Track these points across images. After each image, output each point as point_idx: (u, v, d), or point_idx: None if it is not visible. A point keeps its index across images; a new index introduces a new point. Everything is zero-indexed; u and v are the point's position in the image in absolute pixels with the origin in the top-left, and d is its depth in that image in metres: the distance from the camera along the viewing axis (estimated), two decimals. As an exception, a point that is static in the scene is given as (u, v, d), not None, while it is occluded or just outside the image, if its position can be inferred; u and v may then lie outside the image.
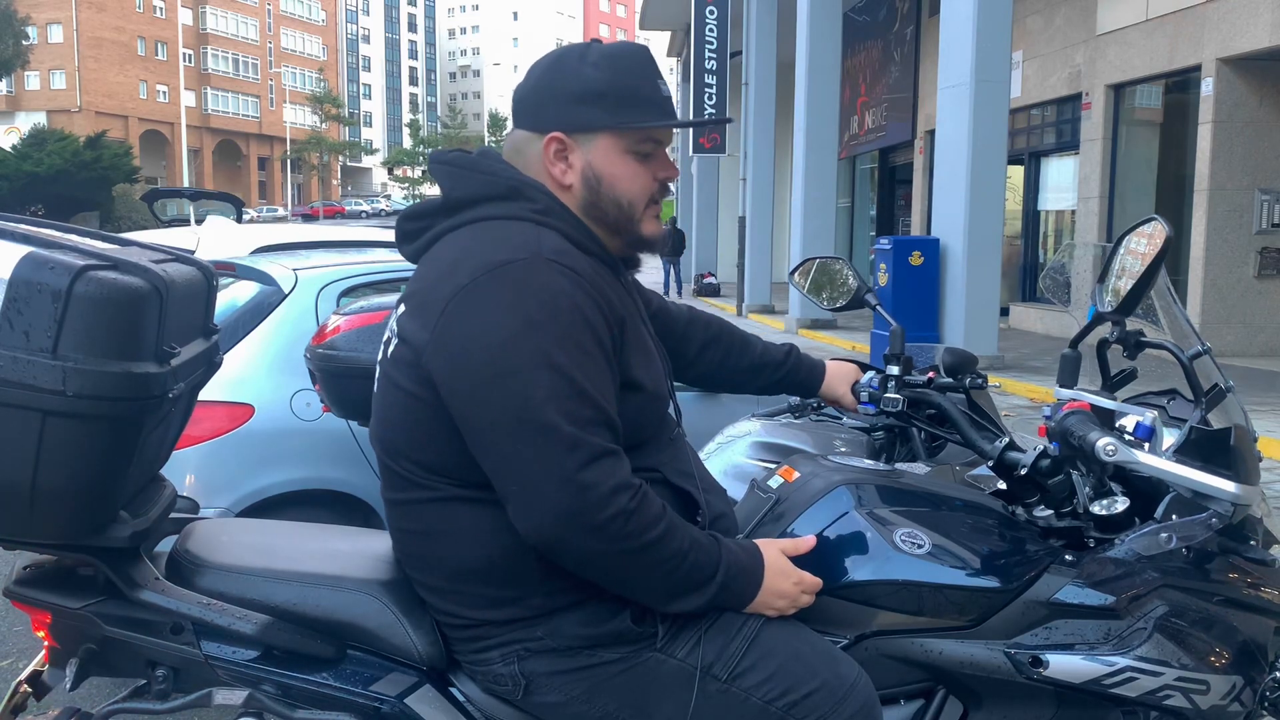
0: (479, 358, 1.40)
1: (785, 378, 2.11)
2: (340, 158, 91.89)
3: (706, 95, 21.68)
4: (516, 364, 1.39)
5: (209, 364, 1.76)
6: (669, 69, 36.07)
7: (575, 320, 1.42)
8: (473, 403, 1.42)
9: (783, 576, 1.58)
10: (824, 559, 1.70)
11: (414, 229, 1.61)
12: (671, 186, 1.66)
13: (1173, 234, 1.77)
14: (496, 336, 1.40)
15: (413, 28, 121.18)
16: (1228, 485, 1.79)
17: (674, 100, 1.65)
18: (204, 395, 1.88)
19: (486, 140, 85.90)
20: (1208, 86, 10.99)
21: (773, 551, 1.60)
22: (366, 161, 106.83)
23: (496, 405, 1.39)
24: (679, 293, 25.14)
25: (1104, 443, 1.70)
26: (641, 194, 1.58)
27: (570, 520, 1.39)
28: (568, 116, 1.54)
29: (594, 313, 1.45)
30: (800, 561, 1.71)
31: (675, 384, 1.79)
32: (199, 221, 8.01)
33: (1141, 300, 1.82)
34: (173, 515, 1.73)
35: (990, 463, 1.91)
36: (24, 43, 42.53)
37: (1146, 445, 1.83)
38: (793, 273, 2.58)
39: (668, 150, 1.65)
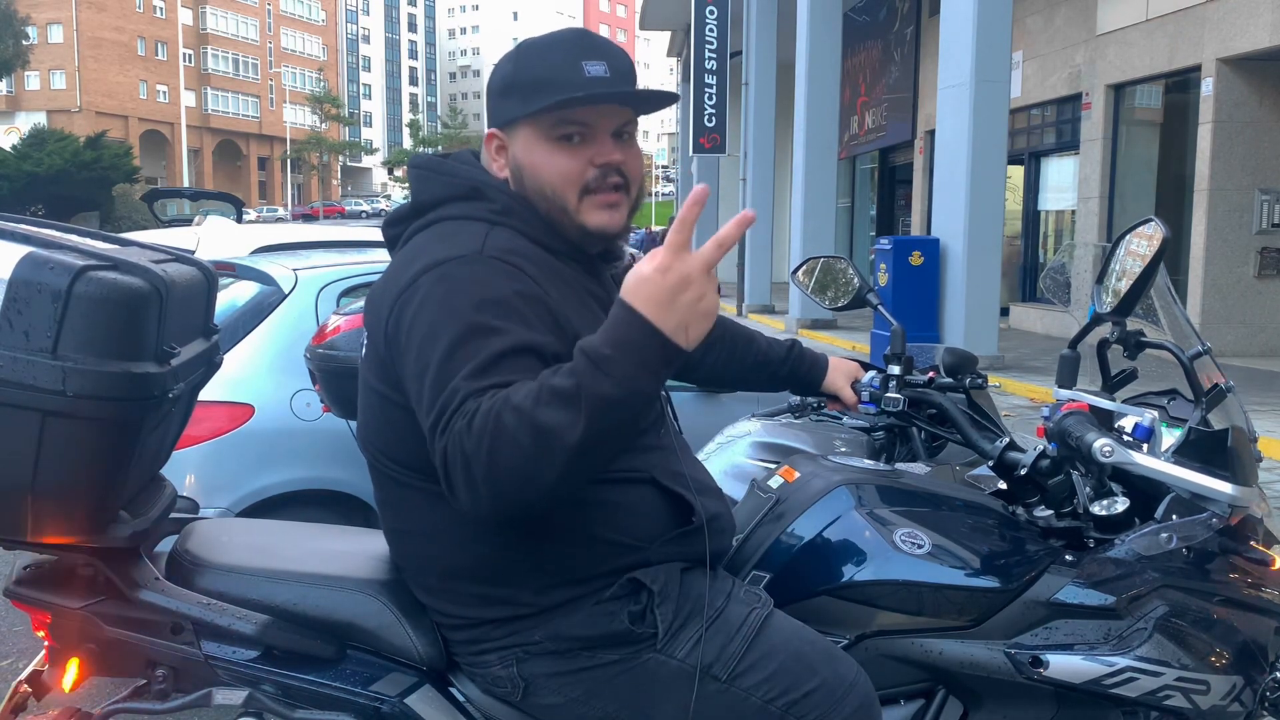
0: (413, 352, 1.39)
1: (789, 374, 2.12)
2: (340, 158, 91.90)
3: (706, 95, 21.66)
4: (437, 353, 1.35)
5: (209, 364, 1.76)
6: (669, 69, 35.94)
7: (502, 304, 1.37)
8: (413, 396, 1.40)
9: (662, 277, 1.24)
10: (824, 559, 1.71)
11: (393, 234, 1.62)
12: (625, 173, 1.54)
13: (1169, 235, 1.77)
14: (424, 330, 1.38)
15: (413, 28, 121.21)
16: (1224, 487, 1.79)
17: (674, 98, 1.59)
18: (204, 395, 1.88)
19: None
20: (1208, 86, 10.99)
21: (642, 284, 1.24)
22: (366, 161, 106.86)
23: (426, 398, 1.35)
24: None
25: (1101, 444, 1.71)
26: (564, 181, 1.51)
27: (472, 474, 1.24)
28: (495, 112, 1.57)
29: (528, 303, 1.40)
30: (801, 560, 1.71)
31: (681, 383, 1.77)
32: (194, 221, 8.01)
33: (1139, 301, 1.83)
34: (173, 515, 1.73)
35: (991, 463, 1.91)
36: (24, 43, 42.54)
37: (1145, 446, 1.83)
38: (795, 272, 2.58)
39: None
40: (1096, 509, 1.83)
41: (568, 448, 1.21)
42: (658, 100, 1.52)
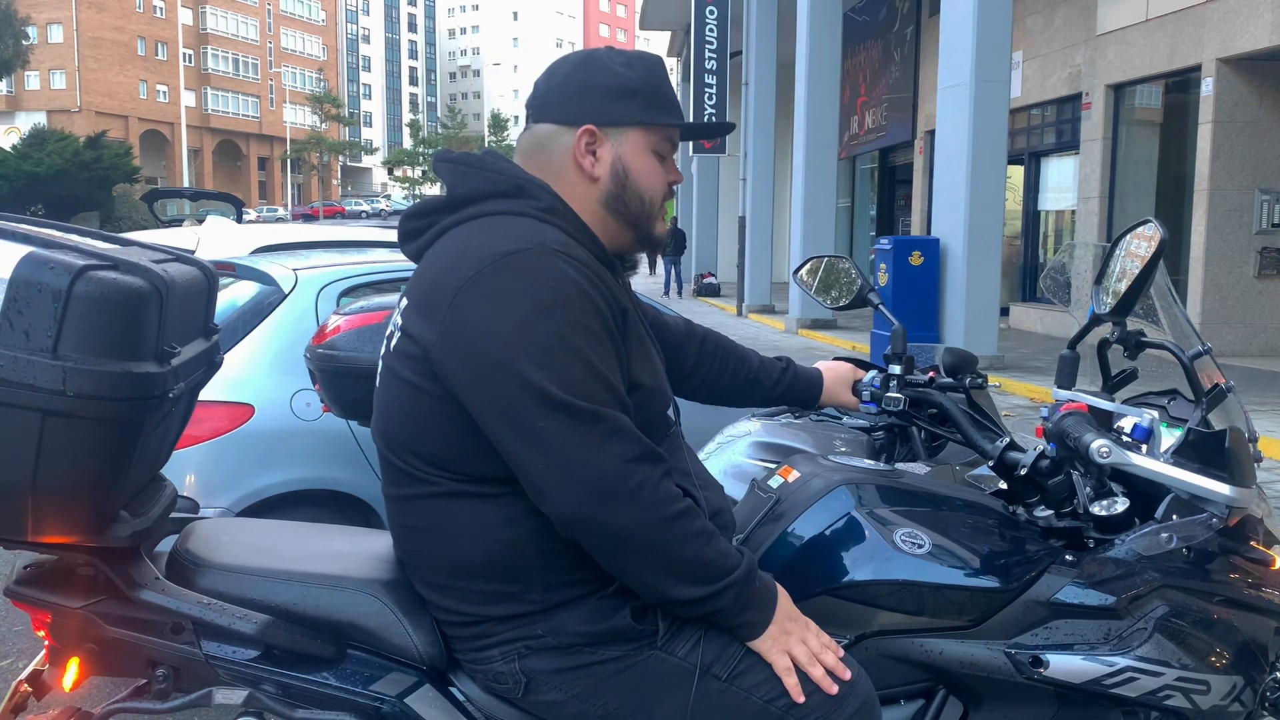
0: (491, 345, 1.41)
1: (784, 393, 2.12)
2: (340, 158, 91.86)
3: (706, 95, 21.68)
4: (530, 348, 1.40)
5: (209, 364, 1.76)
6: (669, 69, 36.12)
7: (583, 305, 1.44)
8: (490, 390, 1.41)
9: (798, 622, 1.55)
10: (824, 559, 1.70)
11: (416, 227, 1.61)
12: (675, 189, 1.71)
13: (1167, 236, 1.77)
14: (508, 323, 1.40)
15: (413, 28, 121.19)
16: (1221, 488, 1.79)
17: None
18: (204, 395, 1.88)
19: (486, 140, 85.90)
20: (1208, 86, 10.99)
21: (786, 598, 1.57)
22: (366, 161, 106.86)
23: (514, 389, 1.40)
24: (679, 292, 25.15)
25: (1098, 444, 1.71)
26: (660, 191, 1.64)
27: (601, 489, 1.40)
28: (602, 110, 1.58)
29: (599, 299, 1.46)
30: (802, 560, 1.71)
31: None
32: (184, 223, 8.00)
33: (1137, 302, 1.83)
34: (173, 515, 1.73)
35: (991, 462, 1.91)
36: (24, 43, 42.53)
37: (1144, 447, 1.83)
38: (797, 272, 2.57)
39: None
40: (1096, 509, 1.83)
41: (678, 537, 1.45)
42: (718, 131, 1.76)
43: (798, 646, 1.53)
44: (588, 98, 1.58)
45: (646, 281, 27.55)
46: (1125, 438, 1.88)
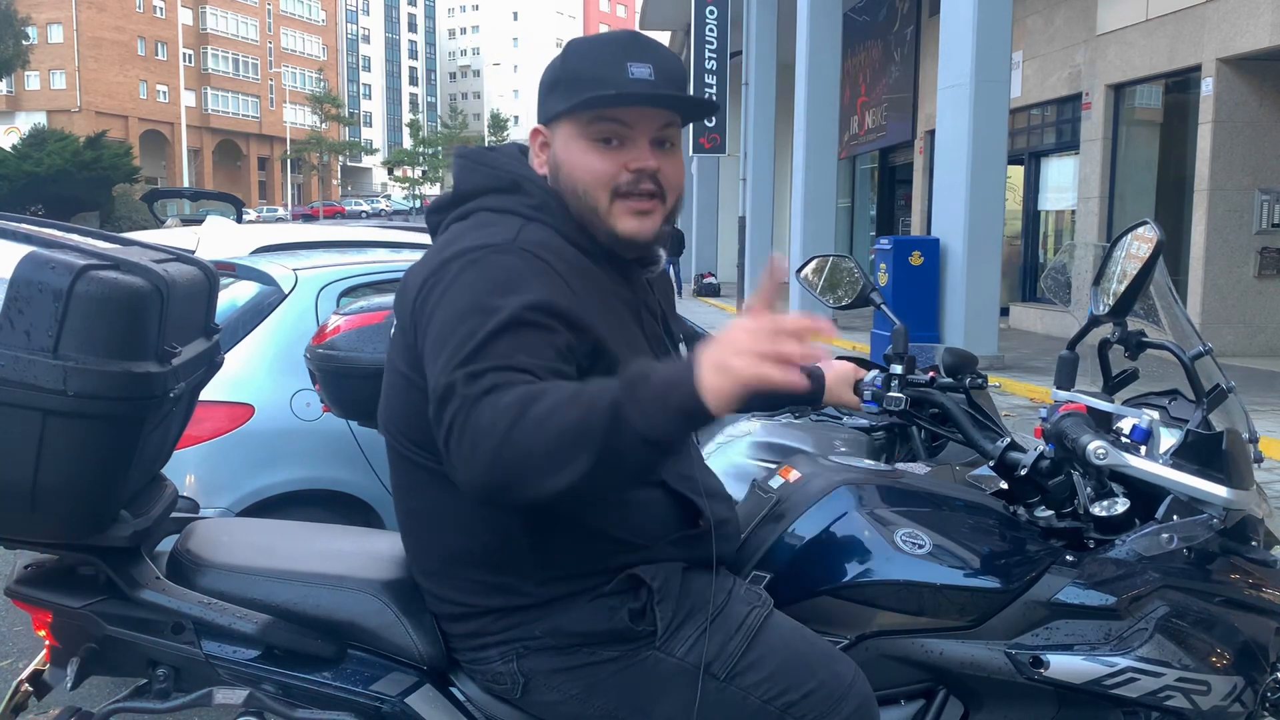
0: (434, 330, 1.40)
1: (787, 396, 2.06)
2: (340, 158, 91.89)
3: (706, 95, 21.68)
4: (455, 331, 1.35)
5: (210, 364, 1.76)
6: (669, 69, 35.88)
7: (528, 293, 1.37)
8: (427, 369, 1.40)
9: (724, 346, 1.20)
10: (825, 559, 1.71)
11: (434, 222, 1.64)
12: (660, 181, 1.52)
13: (1164, 237, 1.78)
14: (450, 313, 1.38)
15: (413, 28, 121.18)
16: (1219, 490, 1.79)
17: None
18: (204, 395, 1.88)
19: (486, 140, 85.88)
20: (1208, 86, 10.99)
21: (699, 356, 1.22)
22: (366, 161, 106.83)
23: (439, 367, 1.34)
24: (679, 293, 25.15)
25: (1095, 446, 1.71)
26: (596, 182, 1.49)
27: (456, 454, 1.26)
28: (541, 107, 1.57)
29: (552, 294, 1.40)
30: (802, 560, 1.71)
31: None
32: (165, 223, 7.97)
33: (1135, 303, 1.83)
34: (173, 515, 1.73)
35: (991, 462, 1.91)
36: (24, 43, 42.52)
37: (1143, 448, 1.83)
38: (800, 270, 2.57)
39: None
40: (1097, 510, 1.83)
41: (575, 460, 1.20)
42: (693, 106, 1.52)
43: (738, 360, 1.18)
44: (538, 98, 1.59)
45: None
46: (1124, 439, 1.88)
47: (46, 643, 1.64)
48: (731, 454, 2.49)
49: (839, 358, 2.27)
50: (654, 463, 1.26)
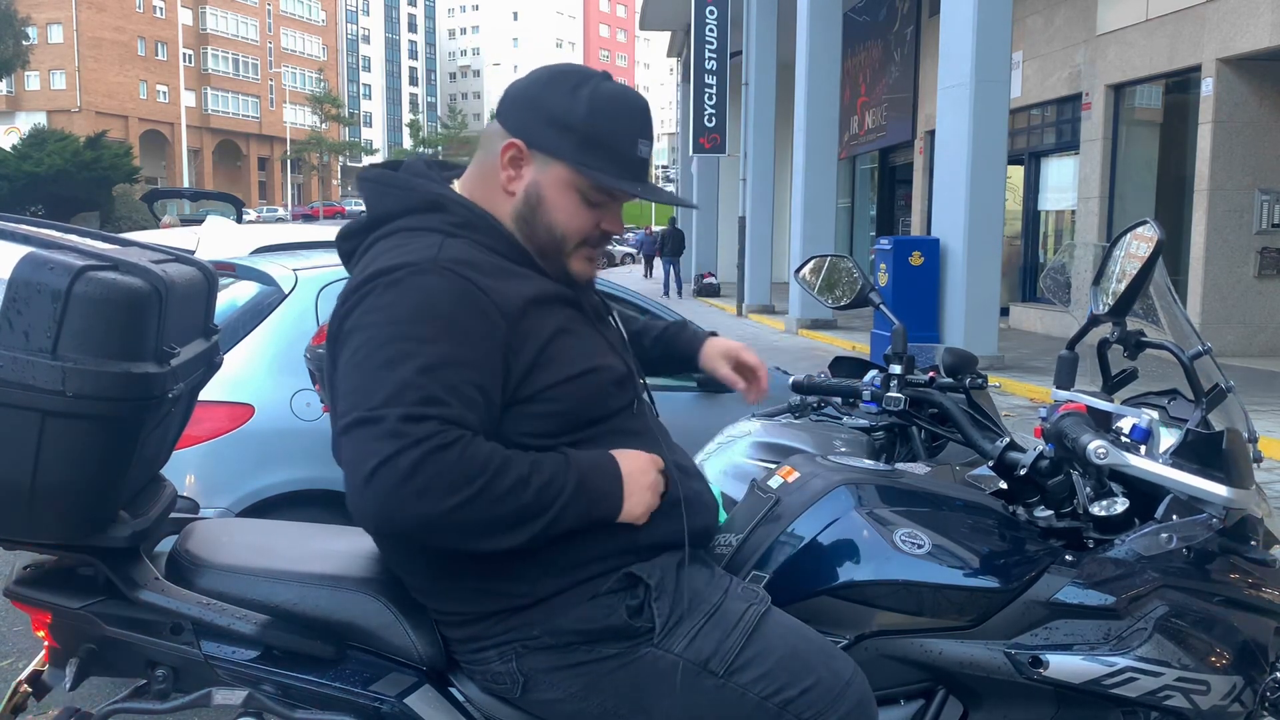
0: (351, 357, 1.41)
1: (663, 353, 2.05)
2: (340, 158, 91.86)
3: (706, 95, 21.69)
4: (373, 356, 1.39)
5: (209, 364, 1.76)
6: (669, 69, 36.06)
7: (450, 318, 1.41)
8: (338, 389, 1.43)
9: (647, 475, 1.54)
10: (824, 559, 1.70)
11: (347, 249, 1.63)
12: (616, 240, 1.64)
13: (1164, 237, 1.77)
14: (369, 339, 1.41)
15: (413, 28, 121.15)
16: (1218, 489, 1.79)
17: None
18: (204, 395, 1.88)
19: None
20: (1208, 86, 10.99)
21: (627, 457, 1.54)
22: (366, 161, 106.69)
23: (350, 390, 1.40)
24: (679, 293, 25.15)
25: (1094, 445, 1.71)
26: (576, 232, 1.58)
27: (384, 487, 1.34)
28: (536, 131, 1.55)
29: (476, 308, 1.43)
30: (801, 560, 1.71)
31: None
32: (161, 223, 7.96)
33: (1135, 303, 1.83)
34: (173, 515, 1.73)
35: (991, 462, 1.91)
36: (24, 43, 42.53)
37: (1143, 448, 1.83)
38: (799, 270, 2.57)
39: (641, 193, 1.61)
40: (1096, 509, 1.83)
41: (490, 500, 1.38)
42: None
43: (650, 495, 1.54)
44: (531, 113, 1.56)
45: (646, 282, 27.54)
46: (1124, 438, 1.88)
47: (45, 643, 1.64)
48: (731, 454, 2.49)
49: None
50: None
